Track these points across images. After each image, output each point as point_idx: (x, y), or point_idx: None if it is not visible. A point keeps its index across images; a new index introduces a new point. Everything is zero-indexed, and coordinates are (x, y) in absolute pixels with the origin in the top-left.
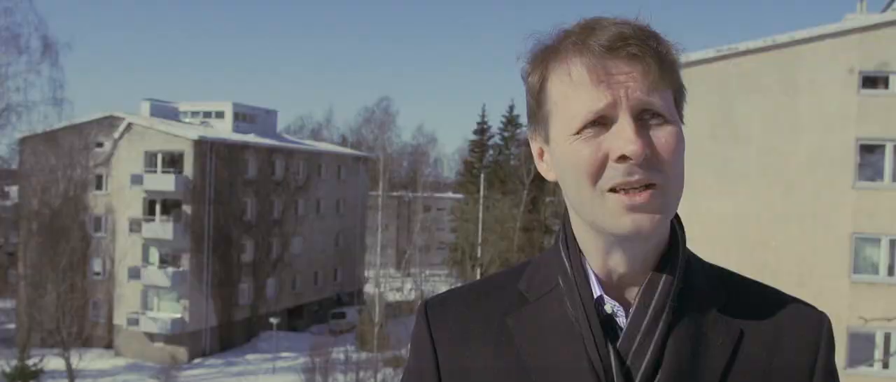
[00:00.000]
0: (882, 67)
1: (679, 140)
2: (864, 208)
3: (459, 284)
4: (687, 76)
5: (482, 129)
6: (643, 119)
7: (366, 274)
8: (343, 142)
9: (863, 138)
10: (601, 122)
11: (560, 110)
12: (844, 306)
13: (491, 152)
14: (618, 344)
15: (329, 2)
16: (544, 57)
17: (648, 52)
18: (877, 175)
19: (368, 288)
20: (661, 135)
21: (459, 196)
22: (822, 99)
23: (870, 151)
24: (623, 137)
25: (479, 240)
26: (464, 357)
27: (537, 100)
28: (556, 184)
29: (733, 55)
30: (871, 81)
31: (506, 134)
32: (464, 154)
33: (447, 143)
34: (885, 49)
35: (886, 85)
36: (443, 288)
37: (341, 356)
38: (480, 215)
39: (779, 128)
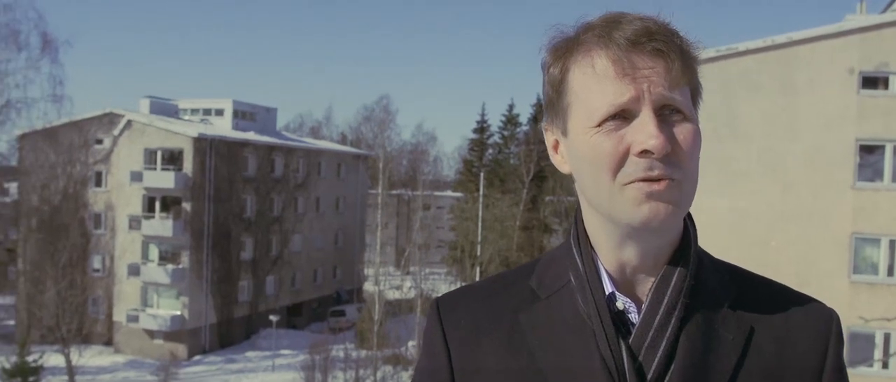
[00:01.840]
0: (882, 68)
1: (697, 137)
2: (864, 208)
3: (459, 282)
4: None
5: (482, 128)
6: (663, 114)
7: (365, 272)
8: (342, 140)
9: (862, 138)
10: (622, 116)
11: (581, 102)
12: (844, 306)
13: (490, 151)
14: (630, 341)
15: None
16: (567, 48)
17: (672, 48)
18: (876, 175)
19: (368, 286)
20: (681, 132)
21: (459, 194)
22: (821, 99)
23: (869, 152)
24: (645, 132)
25: (479, 239)
26: (476, 355)
27: (557, 91)
28: (555, 183)
29: (733, 55)
30: (871, 82)
31: (505, 132)
32: (463, 152)
33: (447, 142)
34: (885, 49)
35: (886, 85)
36: (443, 287)
37: (340, 353)
38: (480, 214)
39: (779, 127)
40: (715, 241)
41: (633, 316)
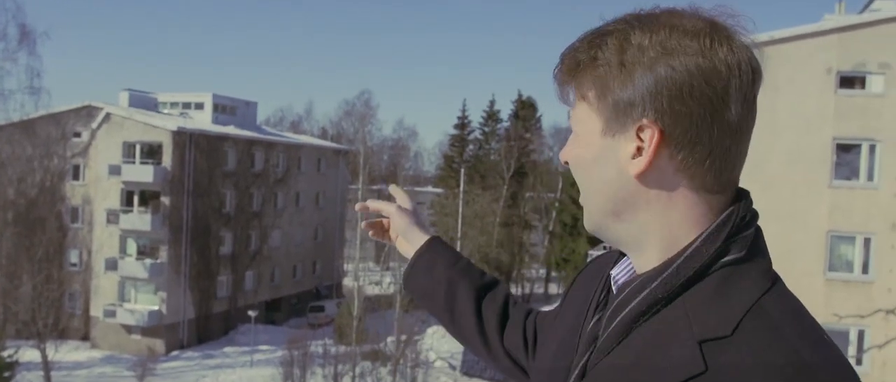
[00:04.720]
0: (859, 68)
1: (575, 155)
2: (840, 206)
3: None
4: None
5: (462, 124)
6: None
7: (345, 267)
8: (323, 134)
9: (839, 137)
10: None
11: None
12: (819, 303)
13: (471, 147)
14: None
15: None
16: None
17: (564, 70)
18: (852, 174)
19: (347, 282)
20: (564, 153)
21: (439, 190)
22: (800, 98)
23: (846, 150)
24: None
25: (459, 235)
26: (567, 302)
27: None
28: (535, 180)
29: None
30: (849, 81)
31: (486, 128)
32: (444, 148)
33: (427, 137)
34: (862, 50)
35: (863, 85)
36: None
37: (320, 349)
38: (460, 209)
39: (757, 126)
40: None
41: None
